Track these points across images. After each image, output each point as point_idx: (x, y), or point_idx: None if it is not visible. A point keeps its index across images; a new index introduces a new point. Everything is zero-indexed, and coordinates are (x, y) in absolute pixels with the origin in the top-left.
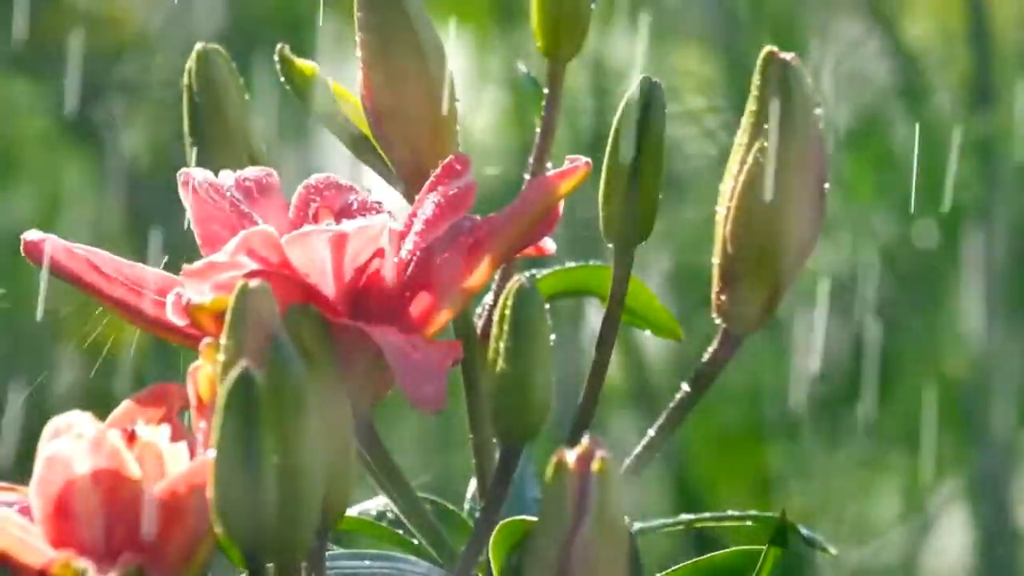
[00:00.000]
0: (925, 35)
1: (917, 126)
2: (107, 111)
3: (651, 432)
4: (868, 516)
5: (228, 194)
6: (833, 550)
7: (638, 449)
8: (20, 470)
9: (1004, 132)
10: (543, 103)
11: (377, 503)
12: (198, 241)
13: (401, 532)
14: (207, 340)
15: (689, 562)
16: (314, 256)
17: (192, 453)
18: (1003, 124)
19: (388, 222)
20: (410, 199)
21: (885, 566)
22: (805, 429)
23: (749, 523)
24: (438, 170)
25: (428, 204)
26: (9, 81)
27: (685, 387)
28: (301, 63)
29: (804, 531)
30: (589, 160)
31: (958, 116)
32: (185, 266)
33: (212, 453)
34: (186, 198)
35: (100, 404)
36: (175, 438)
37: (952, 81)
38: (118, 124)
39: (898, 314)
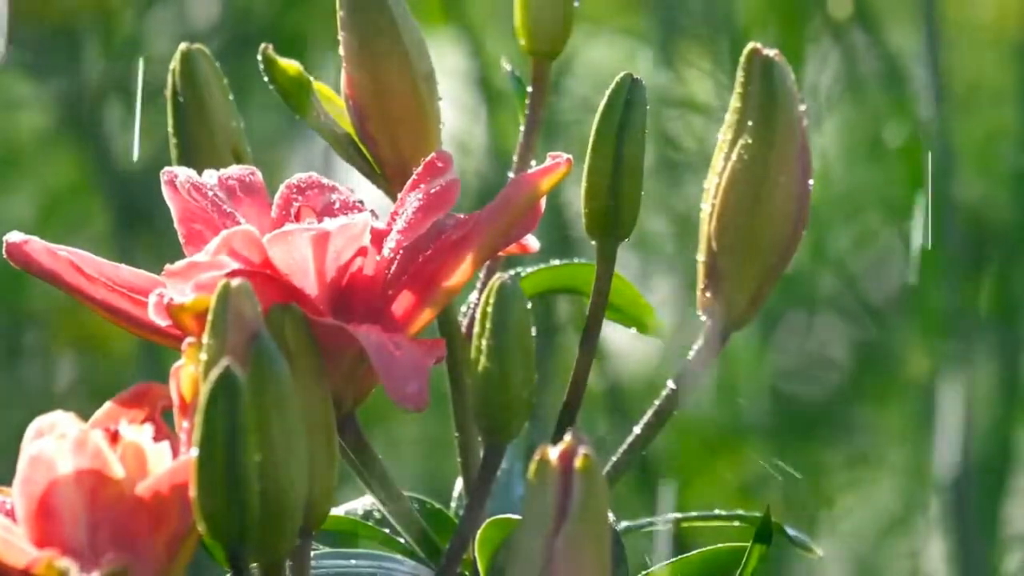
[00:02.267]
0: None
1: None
2: (106, 109)
3: (636, 430)
4: (853, 517)
5: (211, 193)
6: (819, 551)
7: (623, 447)
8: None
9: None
10: (527, 101)
11: (363, 502)
12: (181, 240)
13: (387, 531)
14: (189, 340)
15: (675, 559)
16: (296, 255)
17: (175, 453)
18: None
19: (370, 220)
20: (394, 198)
21: (870, 567)
22: (790, 429)
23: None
24: (420, 168)
25: (410, 202)
26: (8, 78)
27: (671, 384)
28: (284, 63)
29: (790, 531)
30: (570, 157)
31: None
32: (167, 266)
33: (195, 452)
34: (170, 197)
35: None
36: (158, 438)
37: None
38: (116, 122)
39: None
